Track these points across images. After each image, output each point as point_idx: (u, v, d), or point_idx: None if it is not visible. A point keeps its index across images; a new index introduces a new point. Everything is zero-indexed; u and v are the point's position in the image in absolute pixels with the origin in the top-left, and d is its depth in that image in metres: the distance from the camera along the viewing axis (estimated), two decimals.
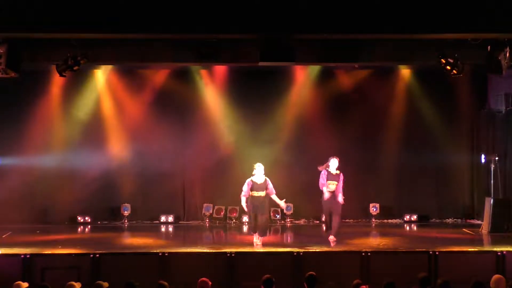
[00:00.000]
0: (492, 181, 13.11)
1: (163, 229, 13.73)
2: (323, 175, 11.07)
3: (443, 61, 10.98)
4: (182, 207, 14.51)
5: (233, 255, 9.89)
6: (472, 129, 14.71)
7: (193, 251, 10.34)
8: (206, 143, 14.28)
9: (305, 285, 7.16)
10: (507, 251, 9.88)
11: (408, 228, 13.84)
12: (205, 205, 14.20)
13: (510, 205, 12.70)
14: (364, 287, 7.14)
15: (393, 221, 14.43)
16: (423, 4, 9.59)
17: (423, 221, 14.19)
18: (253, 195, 10.96)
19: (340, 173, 11.16)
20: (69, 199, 13.95)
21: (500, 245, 10.55)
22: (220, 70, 14.13)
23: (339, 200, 11.05)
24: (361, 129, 14.37)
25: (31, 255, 9.78)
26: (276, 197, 11.12)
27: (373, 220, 14.26)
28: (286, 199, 11.26)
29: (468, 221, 14.40)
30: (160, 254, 9.91)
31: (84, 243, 11.29)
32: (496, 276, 7.25)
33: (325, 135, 14.10)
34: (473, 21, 9.64)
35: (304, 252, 10.01)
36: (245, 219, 13.73)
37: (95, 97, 14.16)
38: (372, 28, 9.75)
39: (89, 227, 13.76)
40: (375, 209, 14.22)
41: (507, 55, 10.23)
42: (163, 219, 14.15)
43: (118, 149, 14.24)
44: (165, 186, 14.28)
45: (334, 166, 11.12)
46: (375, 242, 11.84)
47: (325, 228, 11.57)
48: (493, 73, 11.71)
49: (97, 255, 9.77)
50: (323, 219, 11.98)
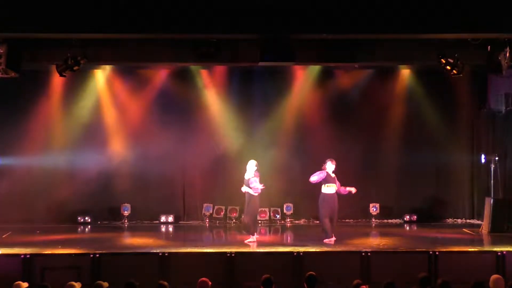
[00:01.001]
0: (492, 181, 13.09)
1: (163, 229, 13.72)
2: (321, 174, 11.07)
3: (443, 61, 10.99)
4: (182, 207, 14.48)
5: (233, 255, 9.87)
6: (472, 129, 14.69)
7: (193, 251, 10.33)
8: (206, 143, 14.27)
9: (305, 285, 7.16)
10: (507, 251, 9.87)
11: (408, 228, 13.83)
12: (205, 205, 14.19)
13: (510, 205, 12.69)
14: (364, 287, 7.14)
15: (393, 221, 14.42)
16: (423, 4, 9.60)
17: (423, 221, 14.17)
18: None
19: (335, 176, 11.22)
20: (69, 199, 13.95)
21: (500, 245, 10.56)
22: (220, 70, 14.13)
23: (351, 190, 11.22)
24: (361, 129, 14.37)
25: (31, 255, 9.76)
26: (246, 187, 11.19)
27: (373, 220, 14.25)
28: (286, 199, 11.25)
29: (468, 221, 14.41)
30: (160, 254, 9.90)
31: (84, 243, 11.27)
32: (494, 276, 7.24)
33: (325, 135, 14.11)
34: (473, 21, 9.65)
35: (304, 252, 10.00)
36: None
37: (95, 97, 14.14)
38: (372, 28, 9.77)
39: (89, 227, 13.74)
40: (375, 209, 14.21)
41: (507, 55, 10.24)
42: (163, 219, 14.14)
43: (118, 149, 14.21)
44: (165, 186, 14.27)
45: (331, 169, 11.15)
46: (375, 242, 11.83)
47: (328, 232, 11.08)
48: (493, 73, 11.76)
49: (97, 255, 9.76)
50: (324, 222, 11.10)
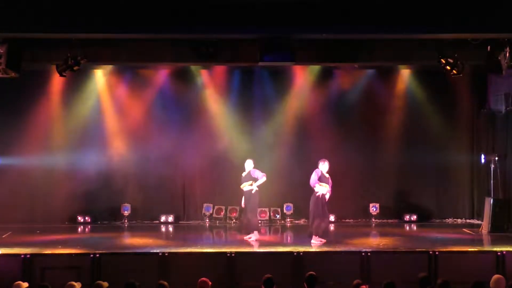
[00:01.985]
0: (492, 181, 13.09)
1: (163, 229, 13.71)
2: (316, 174, 11.05)
3: (443, 61, 10.99)
4: (182, 207, 14.49)
5: (233, 255, 9.87)
6: (472, 129, 14.70)
7: (193, 251, 10.34)
8: (206, 143, 14.26)
9: (305, 285, 7.16)
10: (507, 251, 9.87)
11: (408, 228, 13.82)
12: (205, 205, 14.18)
13: (510, 205, 12.71)
14: (364, 287, 7.14)
15: (393, 221, 14.42)
16: (423, 4, 9.60)
17: (423, 221, 14.17)
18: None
19: (329, 177, 11.21)
20: (69, 199, 13.95)
21: (500, 245, 10.55)
22: (220, 70, 14.13)
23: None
24: (361, 129, 14.38)
25: (31, 255, 9.77)
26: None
27: (373, 220, 14.24)
28: (286, 199, 11.25)
29: (468, 221, 14.41)
30: (160, 254, 9.90)
31: (84, 243, 11.27)
32: (496, 276, 7.25)
33: (324, 135, 14.10)
34: (473, 21, 9.65)
35: (304, 252, 10.01)
36: None
37: (95, 97, 14.14)
38: (372, 28, 9.77)
39: (89, 227, 13.74)
40: (375, 209, 14.20)
41: (507, 55, 10.23)
42: (163, 219, 14.14)
43: (118, 149, 14.22)
44: (165, 186, 14.28)
45: (324, 169, 11.14)
46: (375, 242, 11.82)
47: (322, 233, 11.15)
48: (493, 73, 11.75)
49: (97, 255, 9.76)
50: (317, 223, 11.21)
